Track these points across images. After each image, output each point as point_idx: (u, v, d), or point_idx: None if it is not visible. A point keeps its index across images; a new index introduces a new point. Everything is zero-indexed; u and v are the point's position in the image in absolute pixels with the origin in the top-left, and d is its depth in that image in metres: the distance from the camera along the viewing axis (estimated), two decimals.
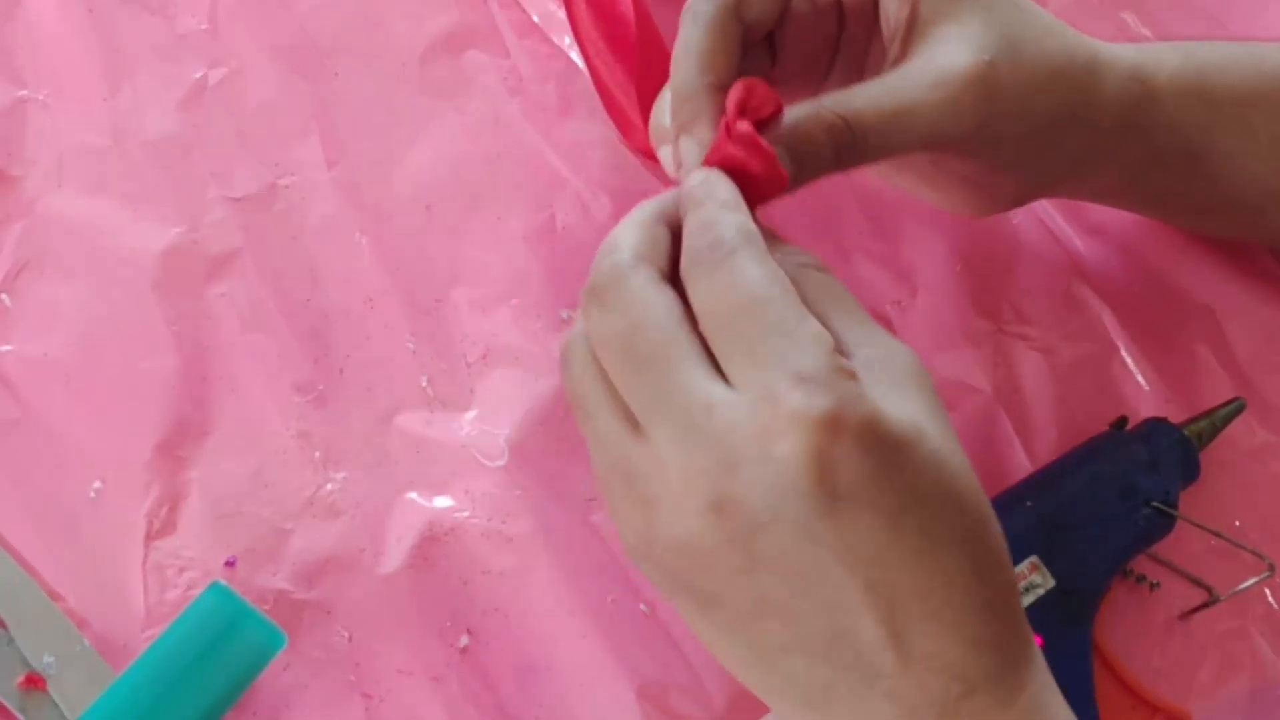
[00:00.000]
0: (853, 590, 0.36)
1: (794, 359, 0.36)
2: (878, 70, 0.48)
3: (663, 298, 0.39)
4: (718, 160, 0.42)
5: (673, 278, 0.40)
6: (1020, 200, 0.53)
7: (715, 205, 0.40)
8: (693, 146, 0.44)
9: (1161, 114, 0.51)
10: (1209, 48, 0.54)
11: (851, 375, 0.37)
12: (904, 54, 0.47)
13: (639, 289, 0.39)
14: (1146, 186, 0.55)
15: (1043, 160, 0.50)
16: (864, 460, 0.36)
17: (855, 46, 0.50)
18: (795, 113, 0.44)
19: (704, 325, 0.38)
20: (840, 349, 0.38)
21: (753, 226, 0.39)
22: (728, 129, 0.42)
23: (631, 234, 0.41)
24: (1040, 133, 0.49)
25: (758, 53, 0.48)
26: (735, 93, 0.42)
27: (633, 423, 0.39)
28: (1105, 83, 0.50)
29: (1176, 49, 0.53)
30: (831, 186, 0.61)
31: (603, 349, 0.39)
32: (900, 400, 0.37)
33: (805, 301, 0.38)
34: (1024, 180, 0.51)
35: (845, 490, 0.36)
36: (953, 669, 0.37)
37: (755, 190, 0.42)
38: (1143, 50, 0.52)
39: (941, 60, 0.46)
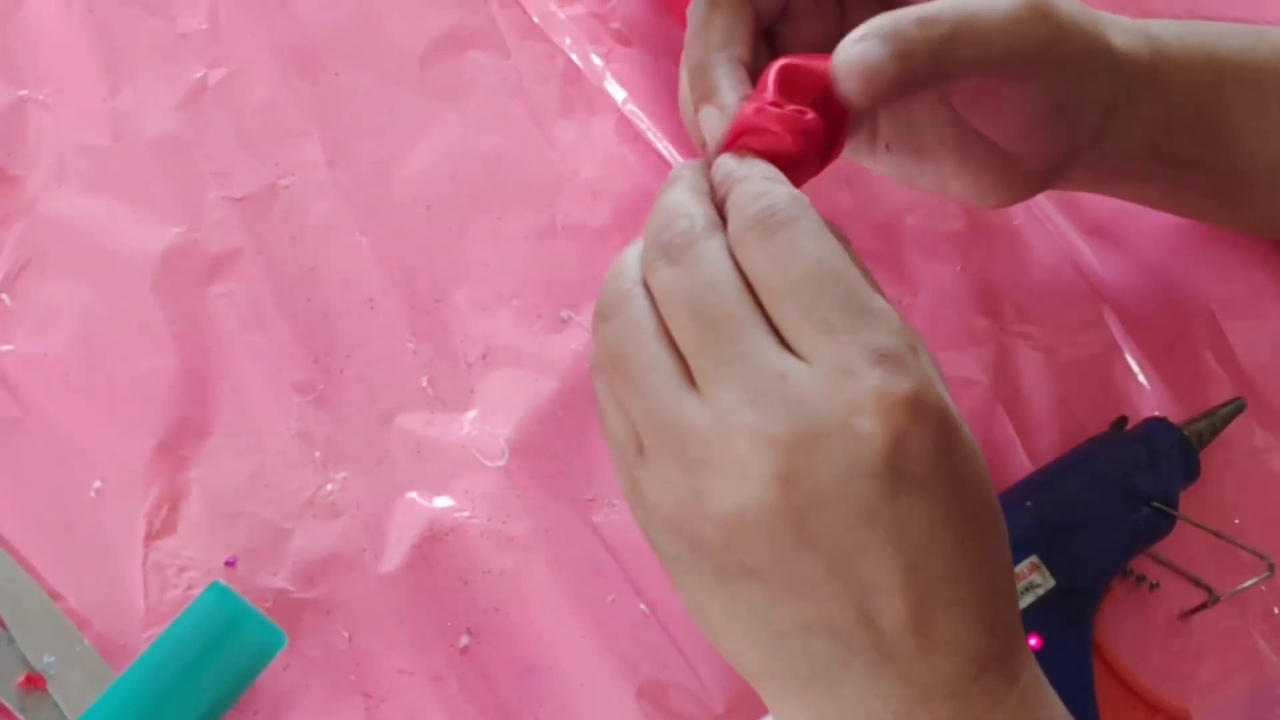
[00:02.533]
0: (894, 573, 0.36)
1: (868, 334, 0.36)
2: None
3: (733, 265, 0.38)
4: (756, 140, 0.42)
5: None
6: (1047, 178, 0.52)
7: (760, 177, 0.40)
8: (714, 115, 0.43)
9: (1174, 72, 0.51)
10: (1209, 24, 0.54)
11: (917, 356, 0.37)
12: None
13: (714, 251, 0.38)
14: (1166, 153, 0.54)
15: (1080, 105, 0.50)
16: (934, 444, 0.36)
17: None
18: (883, 19, 0.43)
19: (764, 295, 0.38)
20: None
21: (805, 198, 0.39)
22: (769, 109, 0.42)
23: (698, 203, 0.40)
24: (1083, 64, 0.48)
25: (759, 50, 0.48)
26: (776, 73, 0.43)
27: (692, 382, 0.38)
28: (1115, 36, 0.50)
29: (1177, 22, 0.53)
30: (831, 187, 0.61)
31: (670, 304, 0.39)
32: (941, 385, 0.37)
33: None
34: (1059, 138, 0.50)
35: (911, 473, 0.36)
36: (967, 651, 0.37)
37: (792, 171, 0.42)
38: (1144, 20, 0.52)
39: None
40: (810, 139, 0.42)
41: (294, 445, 0.54)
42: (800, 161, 0.42)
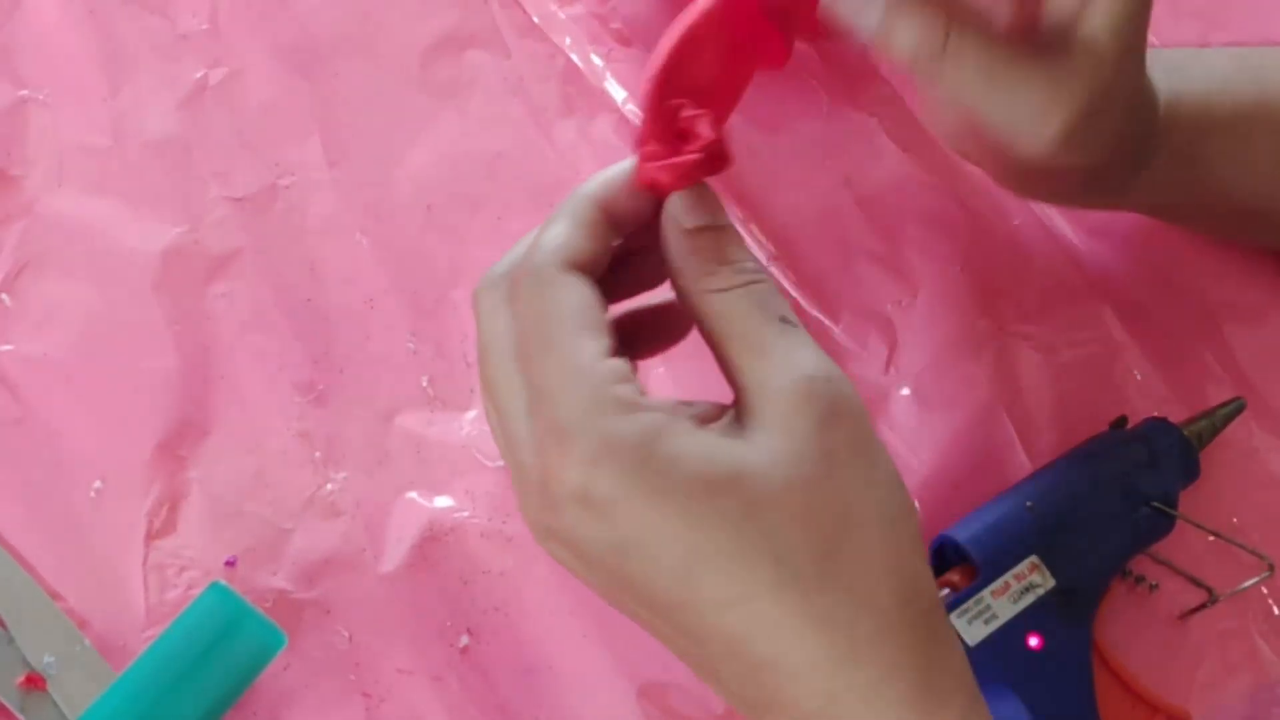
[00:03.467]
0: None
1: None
2: None
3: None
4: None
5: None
6: (1088, 186, 0.52)
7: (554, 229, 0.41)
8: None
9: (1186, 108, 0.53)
10: (1212, 57, 0.55)
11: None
12: None
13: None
14: (1183, 178, 0.55)
15: (1132, 116, 0.51)
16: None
17: None
18: None
19: None
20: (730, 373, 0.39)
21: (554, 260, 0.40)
22: (648, 166, 0.41)
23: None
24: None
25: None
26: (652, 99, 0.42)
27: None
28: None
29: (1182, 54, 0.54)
30: (831, 187, 0.61)
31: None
32: (712, 440, 0.37)
33: (720, 321, 0.39)
34: (1108, 144, 0.50)
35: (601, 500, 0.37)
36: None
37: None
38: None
39: None
40: (708, 163, 0.41)
41: (294, 445, 0.55)
42: (712, 158, 0.41)
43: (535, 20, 0.62)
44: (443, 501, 0.54)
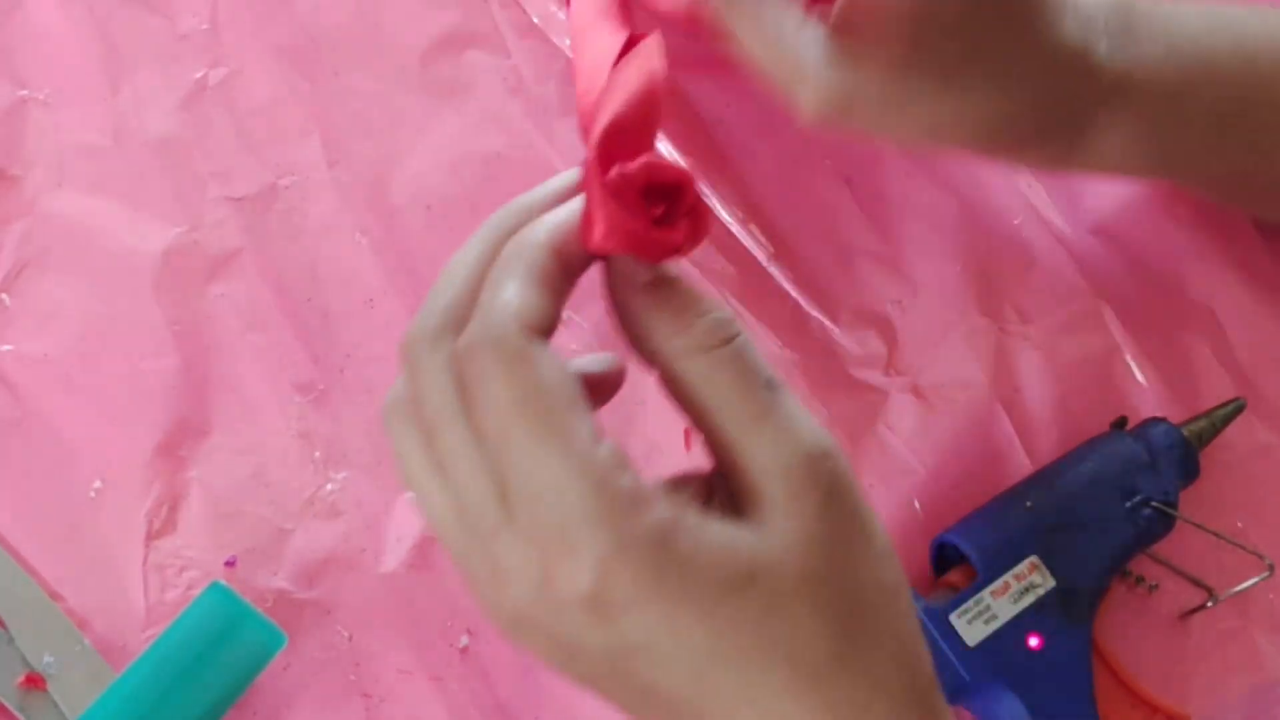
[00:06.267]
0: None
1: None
2: None
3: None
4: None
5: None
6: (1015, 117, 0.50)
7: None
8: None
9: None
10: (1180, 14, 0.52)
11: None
12: None
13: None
14: (1154, 146, 0.53)
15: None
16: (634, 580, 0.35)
17: None
18: None
19: None
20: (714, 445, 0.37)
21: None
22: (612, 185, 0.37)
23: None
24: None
25: None
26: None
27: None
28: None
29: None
30: (832, 187, 0.61)
31: None
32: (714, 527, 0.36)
33: (704, 389, 0.36)
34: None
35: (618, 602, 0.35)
36: None
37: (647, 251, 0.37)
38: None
39: None
40: (693, 241, 0.37)
41: (294, 445, 0.55)
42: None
43: (535, 20, 0.62)
44: None
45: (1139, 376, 0.59)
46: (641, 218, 0.37)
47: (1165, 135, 0.52)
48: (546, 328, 0.36)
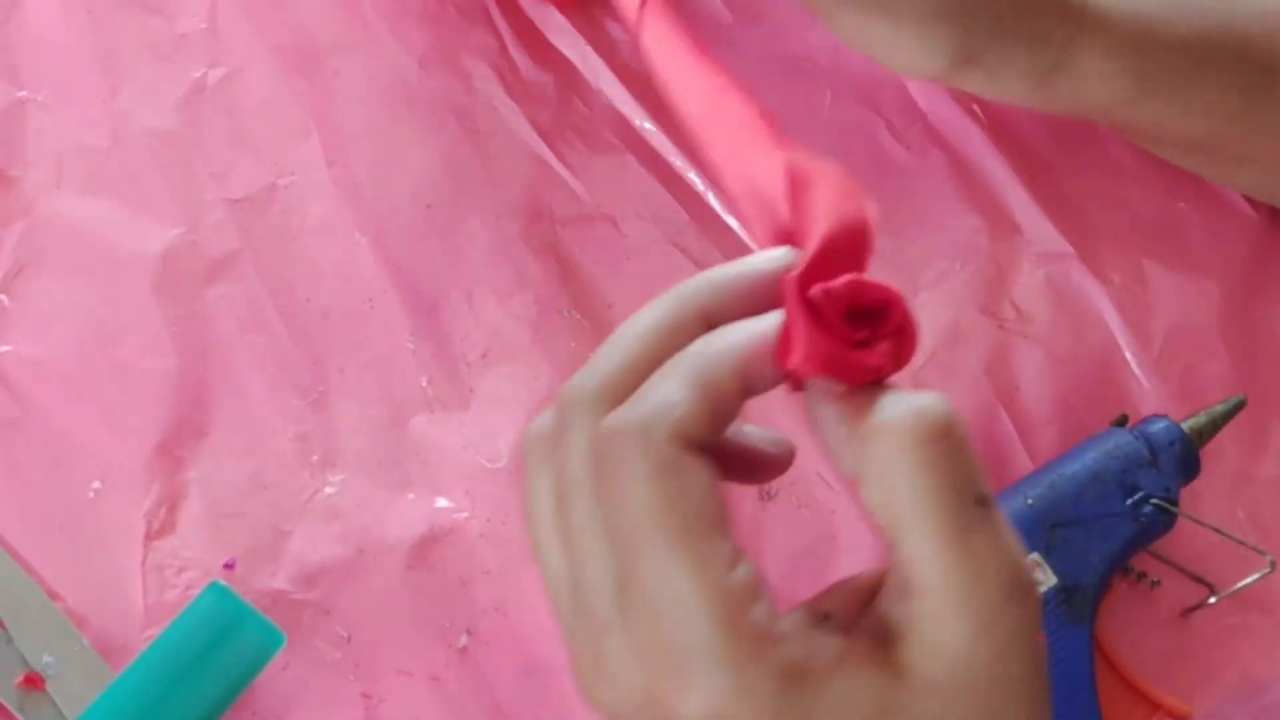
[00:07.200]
0: None
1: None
2: None
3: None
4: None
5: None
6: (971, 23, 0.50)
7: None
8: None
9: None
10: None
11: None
12: None
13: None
14: (1125, 92, 0.54)
15: None
16: None
17: None
18: None
19: None
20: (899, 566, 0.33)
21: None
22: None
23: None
24: None
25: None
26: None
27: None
28: None
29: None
30: None
31: None
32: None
33: (903, 502, 0.33)
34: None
35: None
36: None
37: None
38: None
39: None
40: (900, 362, 0.34)
41: (293, 446, 0.54)
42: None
43: (535, 21, 0.62)
44: (442, 502, 0.54)
45: (1139, 375, 0.59)
46: (844, 341, 0.34)
47: (1143, 57, 0.53)
48: (700, 443, 0.33)
